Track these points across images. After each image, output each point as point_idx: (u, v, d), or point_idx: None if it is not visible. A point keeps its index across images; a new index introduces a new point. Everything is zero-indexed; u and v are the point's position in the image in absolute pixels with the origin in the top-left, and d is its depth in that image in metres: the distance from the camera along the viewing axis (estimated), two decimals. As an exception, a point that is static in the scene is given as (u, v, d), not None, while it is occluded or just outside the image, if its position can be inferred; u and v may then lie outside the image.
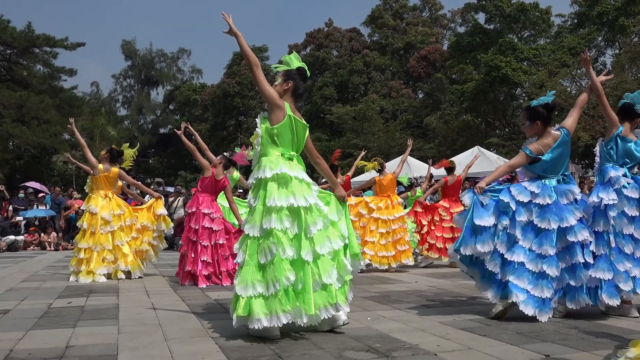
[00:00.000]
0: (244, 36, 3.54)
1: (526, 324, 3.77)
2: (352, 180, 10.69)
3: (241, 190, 12.65)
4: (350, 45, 40.59)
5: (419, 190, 10.71)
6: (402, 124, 29.54)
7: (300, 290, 3.29)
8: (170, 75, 48.34)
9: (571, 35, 27.36)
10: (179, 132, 6.69)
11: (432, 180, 11.36)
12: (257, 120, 3.65)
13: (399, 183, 10.27)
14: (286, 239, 3.31)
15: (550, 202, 4.10)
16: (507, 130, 27.32)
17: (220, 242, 6.43)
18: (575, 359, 2.88)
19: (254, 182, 3.52)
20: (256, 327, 3.17)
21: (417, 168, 17.73)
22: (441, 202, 8.71)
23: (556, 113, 5.03)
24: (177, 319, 4.04)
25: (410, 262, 7.63)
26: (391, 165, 11.17)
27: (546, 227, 4.04)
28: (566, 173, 4.34)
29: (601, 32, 26.69)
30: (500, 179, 4.30)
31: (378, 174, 8.17)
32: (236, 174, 8.07)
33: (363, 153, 9.23)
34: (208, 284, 6.22)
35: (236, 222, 6.67)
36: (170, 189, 17.89)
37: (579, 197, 4.21)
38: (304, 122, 3.68)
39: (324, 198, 3.73)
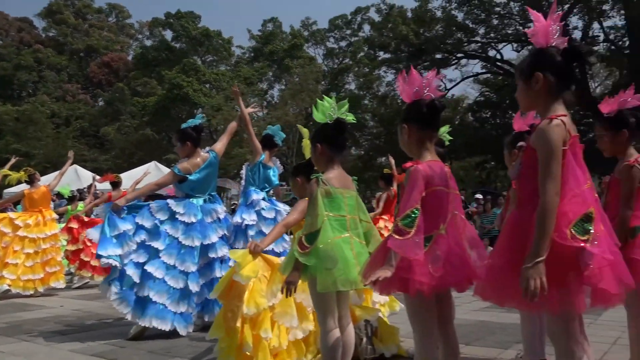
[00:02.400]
0: None
1: (162, 341, 3.80)
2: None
3: None
4: (19, 36, 35.47)
5: (80, 204, 9.91)
6: (76, 131, 27.24)
7: None
8: None
9: (248, 66, 30.15)
10: None
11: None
12: None
13: (60, 196, 9.27)
14: None
15: (195, 220, 4.28)
16: (187, 147, 28.09)
17: None
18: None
19: None
20: None
21: (89, 180, 16.50)
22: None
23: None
24: None
25: (62, 284, 6.92)
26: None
27: (190, 245, 4.19)
28: (213, 193, 4.61)
29: (272, 68, 30.25)
30: None
31: (28, 186, 7.21)
32: None
33: (13, 160, 8.02)
34: None
35: None
36: None
37: (222, 216, 4.52)
38: None
39: None
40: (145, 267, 4.02)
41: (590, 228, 1.66)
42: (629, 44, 17.23)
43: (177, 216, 4.24)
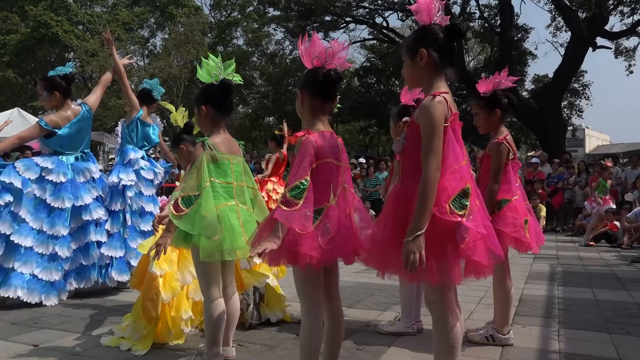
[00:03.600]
0: None
1: (28, 311, 3.50)
2: None
3: None
4: None
5: None
6: None
7: None
8: None
9: (127, 10, 27.89)
10: None
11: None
12: None
13: None
14: None
15: (65, 180, 3.94)
16: (56, 94, 25.66)
17: None
18: (66, 343, 2.82)
19: None
20: None
21: None
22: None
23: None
24: None
25: None
26: None
27: (60, 206, 3.86)
28: (86, 150, 4.26)
29: (154, 14, 28.31)
30: None
31: None
32: None
33: None
34: None
35: None
36: None
37: (96, 176, 4.20)
38: None
39: None
40: (12, 238, 3.64)
41: (467, 203, 1.78)
42: (500, 23, 18.54)
43: (44, 175, 3.86)
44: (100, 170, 4.43)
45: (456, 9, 19.28)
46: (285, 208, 1.85)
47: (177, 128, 3.11)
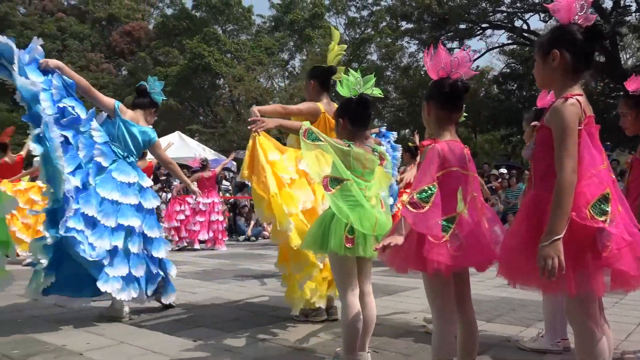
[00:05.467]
0: None
1: (186, 311, 3.93)
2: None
3: None
4: (42, 5, 35.65)
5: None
6: (100, 101, 27.47)
7: None
8: None
9: (268, 36, 29.87)
10: None
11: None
12: None
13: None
14: None
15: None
16: (209, 117, 28.22)
17: None
18: (221, 340, 3.12)
19: None
20: None
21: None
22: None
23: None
24: None
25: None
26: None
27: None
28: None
29: (292, 38, 29.93)
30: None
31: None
32: None
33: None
34: None
35: None
36: None
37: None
38: None
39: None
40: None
41: (608, 209, 1.67)
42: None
43: None
44: None
45: (608, 4, 17.66)
46: (411, 209, 1.88)
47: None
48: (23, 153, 8.07)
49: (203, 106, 28.46)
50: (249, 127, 3.15)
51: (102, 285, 3.45)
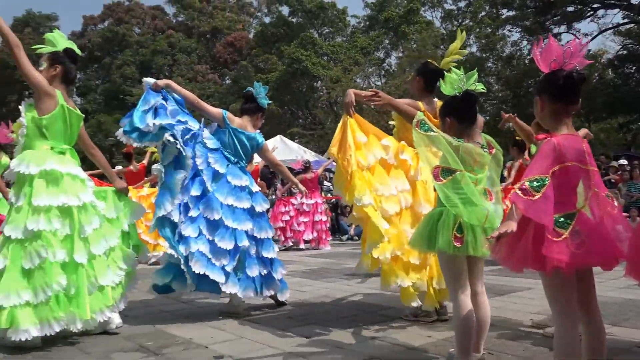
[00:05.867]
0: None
1: (298, 308, 4.08)
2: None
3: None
4: (153, 24, 38.60)
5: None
6: (207, 109, 29.16)
7: (74, 295, 3.07)
8: None
9: (364, 36, 29.93)
10: None
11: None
12: (21, 107, 3.26)
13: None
14: (56, 240, 3.04)
15: None
16: (308, 120, 28.90)
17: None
18: (333, 337, 3.21)
19: (15, 177, 3.14)
20: (23, 339, 2.85)
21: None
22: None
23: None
24: None
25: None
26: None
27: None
28: None
29: (388, 35, 29.74)
30: None
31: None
32: (5, 159, 7.11)
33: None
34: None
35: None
36: None
37: None
38: (79, 112, 3.42)
39: (100, 194, 3.52)
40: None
41: None
42: None
43: None
44: None
45: None
46: (521, 195, 1.82)
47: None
48: (145, 161, 8.82)
49: (302, 109, 29.20)
50: (364, 99, 3.38)
51: (224, 287, 3.72)
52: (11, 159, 3.51)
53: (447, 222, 2.37)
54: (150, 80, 3.87)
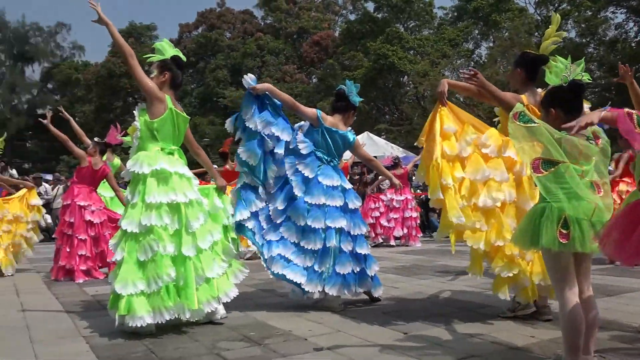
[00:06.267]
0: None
1: (394, 303, 4.09)
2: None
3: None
4: (243, 28, 40.01)
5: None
6: (296, 108, 29.77)
7: (182, 286, 3.30)
8: (48, 52, 44.48)
9: (451, 27, 29.11)
10: (44, 121, 6.25)
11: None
12: (135, 112, 3.56)
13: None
14: (166, 235, 3.29)
15: None
16: (395, 116, 28.63)
17: (106, 233, 6.20)
18: (431, 333, 3.20)
19: (131, 176, 3.44)
20: (138, 325, 3.12)
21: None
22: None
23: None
24: (47, 319, 3.87)
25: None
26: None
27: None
28: None
29: (477, 25, 28.70)
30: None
31: None
32: (117, 161, 7.75)
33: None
34: (86, 279, 5.98)
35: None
36: (50, 177, 16.76)
37: None
38: (185, 115, 3.67)
39: (203, 191, 3.76)
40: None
41: None
42: None
43: None
44: None
45: None
46: (626, 117, 1.73)
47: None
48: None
49: (388, 105, 28.95)
50: (462, 76, 3.42)
51: (306, 286, 3.85)
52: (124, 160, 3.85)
53: (551, 217, 2.27)
54: (250, 78, 4.01)
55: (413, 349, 2.89)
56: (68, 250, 6.02)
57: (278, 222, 3.98)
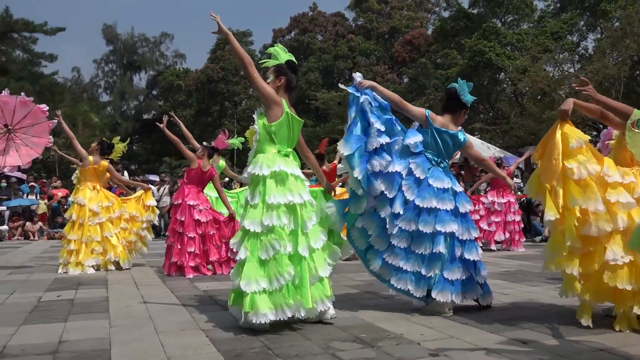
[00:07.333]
0: (225, 20, 3.56)
1: (509, 311, 3.92)
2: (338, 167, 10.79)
3: (227, 179, 12.67)
4: (334, 30, 40.41)
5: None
6: (387, 109, 29.59)
7: (298, 285, 3.41)
8: (153, 60, 47.74)
9: (554, 19, 27.48)
10: (161, 125, 6.71)
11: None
12: (254, 116, 3.70)
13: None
14: (285, 235, 3.41)
15: None
16: (490, 114, 27.54)
17: (211, 232, 6.53)
18: (546, 341, 3.02)
19: (251, 178, 3.56)
20: (262, 322, 3.25)
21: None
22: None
23: (539, 97, 5.16)
24: (167, 311, 4.12)
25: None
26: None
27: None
28: None
29: (583, 16, 26.87)
30: None
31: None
32: (222, 163, 8.11)
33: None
34: (195, 274, 6.31)
35: (225, 211, 6.77)
36: (154, 177, 17.90)
37: None
38: (299, 118, 3.75)
39: (313, 193, 3.83)
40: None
41: None
42: None
43: None
44: None
45: None
46: None
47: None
48: (336, 161, 9.29)
49: (483, 103, 27.88)
50: (574, 87, 3.47)
51: (414, 291, 3.86)
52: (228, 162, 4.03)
53: None
54: (358, 75, 4.03)
55: (533, 358, 2.74)
56: (179, 247, 6.39)
57: (392, 232, 3.91)
